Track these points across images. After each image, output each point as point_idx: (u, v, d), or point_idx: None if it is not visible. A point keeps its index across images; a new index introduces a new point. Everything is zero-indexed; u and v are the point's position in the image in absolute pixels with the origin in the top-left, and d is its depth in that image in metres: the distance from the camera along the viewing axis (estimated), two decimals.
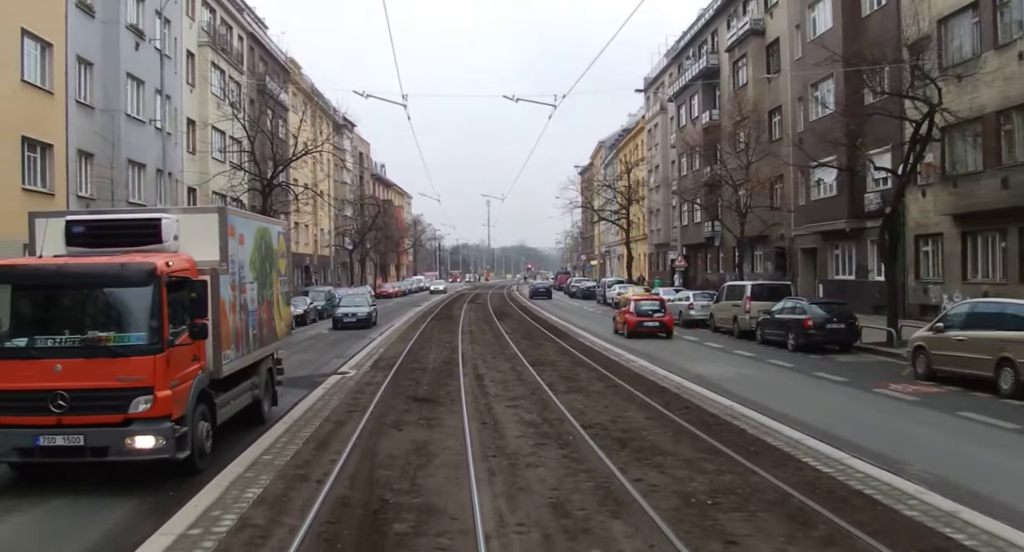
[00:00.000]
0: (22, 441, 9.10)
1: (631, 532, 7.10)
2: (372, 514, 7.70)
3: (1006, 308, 15.05)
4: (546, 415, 12.68)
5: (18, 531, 8.11)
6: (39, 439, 9.03)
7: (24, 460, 9.41)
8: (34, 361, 9.12)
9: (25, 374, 9.07)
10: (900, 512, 7.57)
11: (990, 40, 23.78)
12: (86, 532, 7.88)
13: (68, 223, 10.54)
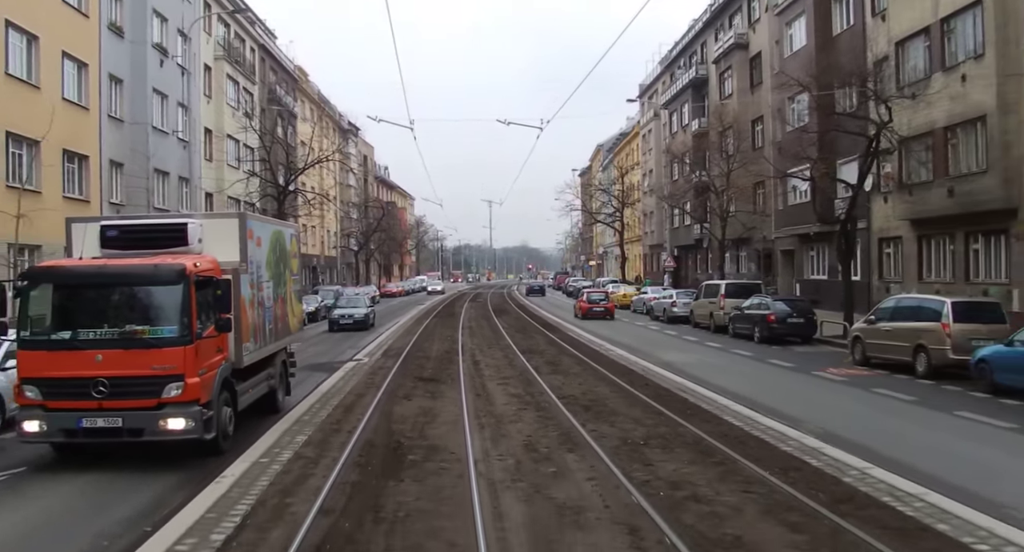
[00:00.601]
0: (67, 423, 10.21)
1: (579, 459, 9.93)
2: (392, 451, 10.53)
3: (923, 302, 17.88)
4: (530, 390, 15.52)
5: (69, 501, 9.19)
6: (82, 421, 10.19)
7: (69, 440, 10.50)
8: (77, 352, 10.24)
9: (69, 363, 10.21)
10: (778, 448, 10.41)
11: (939, 62, 26.49)
12: (137, 496, 9.21)
13: (103, 228, 11.75)
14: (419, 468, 9.62)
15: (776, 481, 8.68)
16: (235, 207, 42.62)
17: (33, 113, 25.94)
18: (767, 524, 7.37)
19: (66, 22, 28.40)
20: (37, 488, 9.77)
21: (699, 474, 9.08)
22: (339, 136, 71.45)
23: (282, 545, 6.96)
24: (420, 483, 8.94)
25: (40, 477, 10.26)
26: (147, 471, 10.27)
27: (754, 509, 7.82)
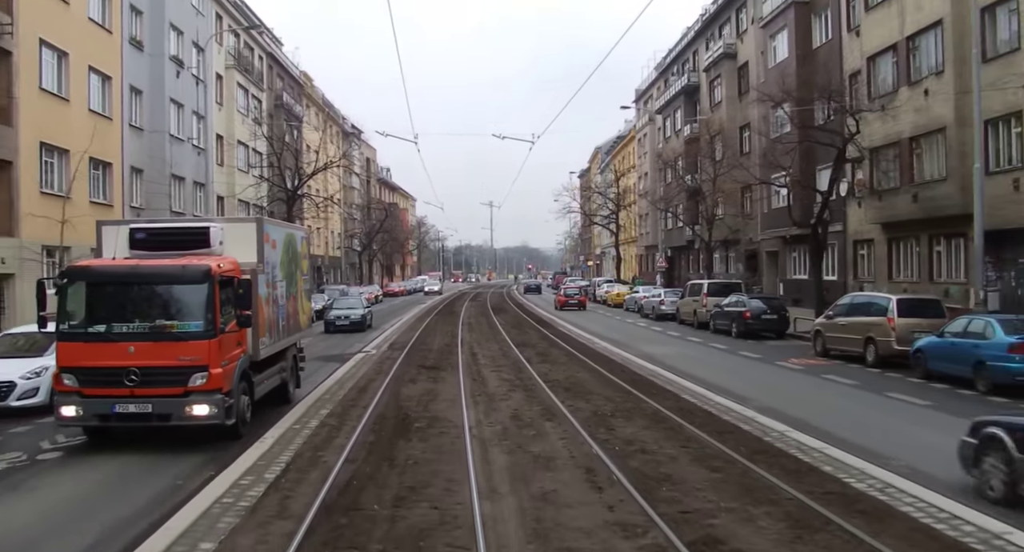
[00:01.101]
0: (101, 408, 11.12)
1: (555, 426, 12.16)
2: (400, 421, 12.75)
3: (872, 299, 20.11)
4: (520, 376, 17.76)
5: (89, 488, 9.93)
6: (115, 407, 11.15)
7: (103, 424, 11.38)
8: (111, 344, 11.20)
9: (104, 354, 11.16)
10: (720, 417, 12.64)
11: (905, 77, 28.68)
12: (174, 469, 10.46)
13: (132, 230, 12.78)
14: (424, 432, 11.84)
15: (710, 440, 10.90)
16: (246, 210, 44.91)
17: (63, 124, 28.27)
18: (694, 467, 9.60)
19: (92, 38, 30.61)
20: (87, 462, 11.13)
21: (649, 435, 11.31)
22: (343, 139, 73.75)
23: (320, 481, 9.17)
24: (425, 442, 11.17)
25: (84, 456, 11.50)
26: (174, 452, 11.35)
27: (687, 458, 10.04)
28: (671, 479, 9.04)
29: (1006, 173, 24.63)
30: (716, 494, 8.41)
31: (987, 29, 25.59)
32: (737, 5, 45.47)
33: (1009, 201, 24.11)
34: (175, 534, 7.37)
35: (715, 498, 8.27)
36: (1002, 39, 25.05)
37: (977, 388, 15.46)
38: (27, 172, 26.28)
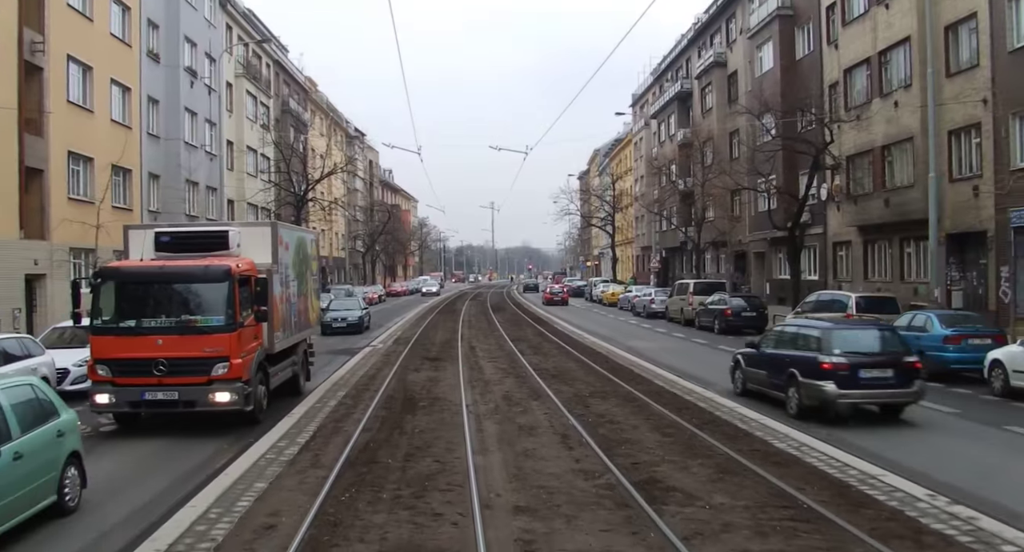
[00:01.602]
0: (132, 396, 12.11)
1: (540, 404, 14.28)
2: (407, 400, 14.87)
3: (835, 296, 22.23)
4: (513, 365, 19.88)
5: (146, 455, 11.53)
6: (145, 394, 12.20)
7: (134, 410, 12.35)
8: (141, 337, 12.30)
9: (135, 346, 12.27)
10: (684, 398, 14.77)
11: (877, 89, 30.76)
12: (211, 444, 11.87)
13: (157, 234, 13.98)
14: (427, 409, 13.97)
15: (669, 414, 13.02)
16: (255, 213, 47.09)
17: (88, 134, 30.38)
18: (650, 433, 11.71)
19: (114, 52, 32.71)
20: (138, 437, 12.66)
21: (619, 411, 13.43)
22: (347, 143, 75.94)
23: (343, 443, 11.27)
24: (428, 416, 13.30)
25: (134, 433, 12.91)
26: (204, 434, 12.50)
27: (647, 427, 12.16)
28: (629, 441, 11.14)
29: (967, 180, 26.70)
30: (663, 451, 10.52)
31: (950, 46, 27.74)
32: (727, 15, 47.54)
33: (970, 206, 26.18)
34: (234, 478, 9.48)
35: (661, 454, 10.38)
36: (963, 56, 27.13)
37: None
38: (56, 179, 28.36)
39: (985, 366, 15.60)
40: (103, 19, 31.83)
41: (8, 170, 25.19)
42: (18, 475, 7.52)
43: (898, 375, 13.05)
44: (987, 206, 25.34)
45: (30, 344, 15.54)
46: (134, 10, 34.31)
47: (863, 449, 10.78)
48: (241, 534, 7.50)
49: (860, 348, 13.26)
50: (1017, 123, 24.24)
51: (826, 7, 35.27)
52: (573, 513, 7.94)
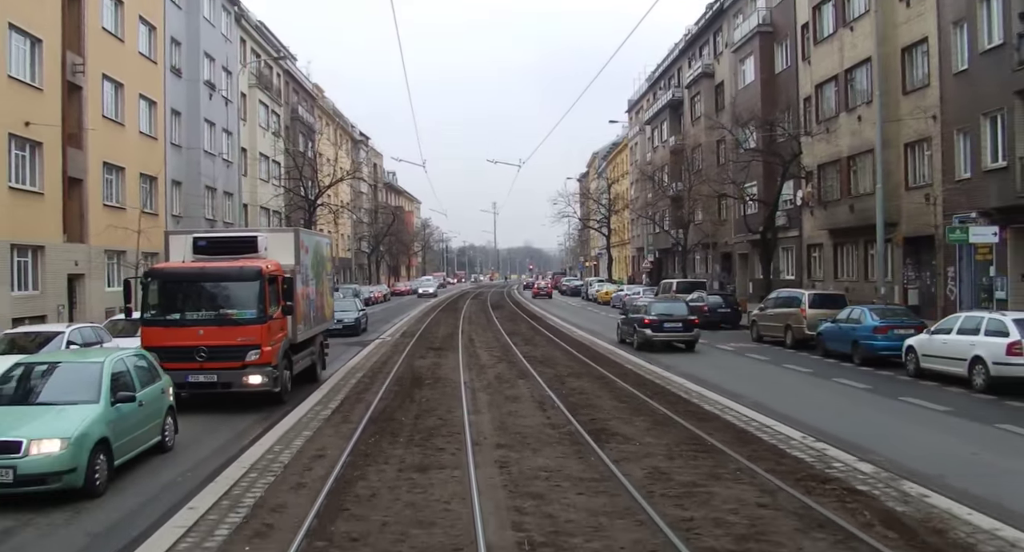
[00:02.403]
0: (178, 379, 13.17)
1: (526, 382, 17.40)
2: (415, 379, 17.98)
3: (792, 294, 25.26)
4: (507, 354, 22.99)
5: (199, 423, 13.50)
6: (188, 377, 13.86)
7: (178, 391, 12.99)
8: (185, 328, 14.31)
9: (179, 336, 14.27)
10: (645, 376, 17.85)
11: (844, 104, 33.81)
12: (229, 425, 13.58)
13: (195, 239, 16.12)
14: (432, 385, 17.07)
15: (629, 388, 16.11)
16: (267, 216, 50.24)
17: (120, 145, 33.51)
18: (609, 401, 14.80)
19: (142, 69, 35.85)
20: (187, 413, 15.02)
21: (589, 387, 16.54)
22: (352, 146, 79.06)
23: (365, 408, 14.34)
24: (433, 390, 16.41)
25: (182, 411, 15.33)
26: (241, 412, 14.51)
27: (608, 397, 15.25)
28: (592, 406, 14.24)
29: (920, 189, 29.78)
30: (616, 413, 13.61)
31: (906, 67, 30.85)
32: (715, 29, 50.60)
33: (923, 212, 29.23)
34: (285, 429, 12.57)
35: (615, 414, 13.47)
36: (917, 76, 30.21)
37: (853, 361, 20.57)
38: (93, 188, 31.49)
39: (903, 352, 18.62)
40: (132, 39, 34.97)
41: (54, 180, 28.29)
42: (141, 417, 10.62)
43: (684, 326, 24.71)
44: (937, 212, 28.38)
45: (101, 332, 18.60)
46: (159, 30, 37.48)
47: (689, 374, 13.85)
48: (300, 460, 10.59)
49: (665, 312, 24.98)
50: (961, 138, 27.29)
51: (801, 26, 38.33)
52: (539, 447, 11.04)
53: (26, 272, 27.04)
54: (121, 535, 7.96)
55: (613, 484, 9.12)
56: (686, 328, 24.53)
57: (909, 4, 30.16)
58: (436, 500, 8.60)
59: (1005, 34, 24.11)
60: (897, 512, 7.96)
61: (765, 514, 7.96)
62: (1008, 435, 12.14)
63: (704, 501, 8.40)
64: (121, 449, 9.89)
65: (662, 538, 7.25)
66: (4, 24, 25.41)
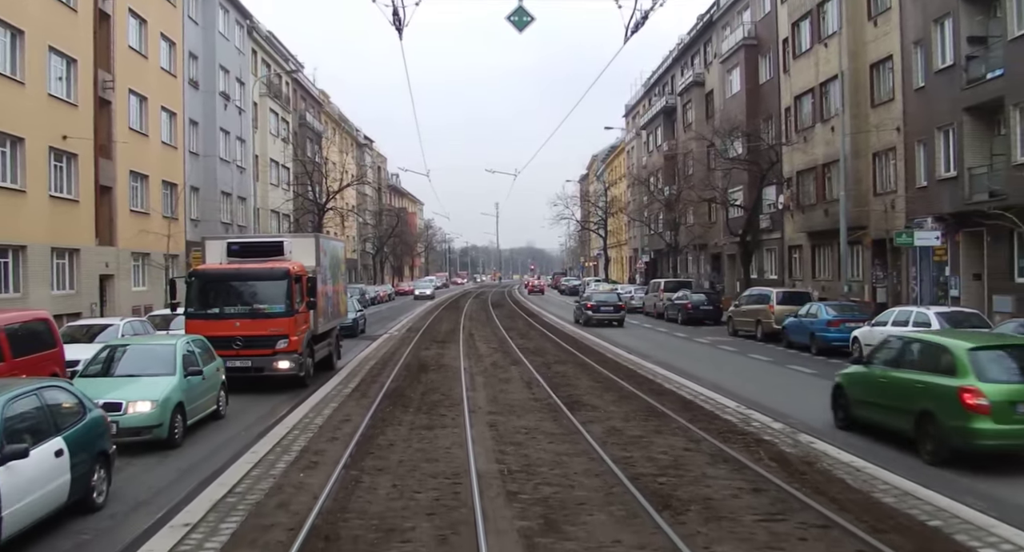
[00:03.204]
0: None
1: (518, 368, 20.20)
2: (421, 366, 20.77)
3: (763, 291, 28.01)
4: (503, 346, 25.78)
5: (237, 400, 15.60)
6: (227, 362, 15.50)
7: None
8: (223, 320, 16.72)
9: (219, 327, 16.52)
10: (620, 362, 20.65)
11: (819, 115, 36.51)
12: (265, 402, 16.81)
13: (228, 244, 19.07)
14: (436, 371, 19.85)
15: (605, 372, 18.88)
16: (277, 218, 53.04)
17: (144, 155, 36.32)
18: (586, 381, 17.57)
19: (163, 83, 38.65)
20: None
21: (571, 371, 19.33)
22: (356, 149, 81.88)
23: (379, 388, 17.09)
24: (437, 374, 19.22)
25: None
26: (270, 393, 17.42)
27: (586, 378, 18.03)
28: (571, 385, 17.01)
29: (887, 195, 32.48)
30: (591, 390, 16.38)
31: (874, 81, 33.56)
32: (705, 39, 53.33)
33: (889, 216, 31.93)
34: (315, 402, 15.32)
35: (589, 391, 16.24)
36: (883, 90, 32.91)
37: (811, 351, 23.31)
38: (121, 195, 34.29)
39: (850, 341, 21.36)
40: (155, 55, 37.77)
41: (87, 189, 31.09)
42: (204, 388, 13.42)
43: (614, 309, 35.52)
44: (900, 216, 31.08)
45: (148, 325, 21.35)
46: (178, 45, 40.28)
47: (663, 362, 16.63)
48: (331, 422, 13.37)
49: (602, 299, 35.62)
50: (920, 149, 29.98)
51: (782, 40, 41.01)
52: (522, 414, 13.82)
53: (64, 273, 29.82)
54: (203, 470, 10.72)
55: (577, 437, 11.88)
56: (615, 310, 36.11)
57: (876, 23, 32.88)
58: (440, 447, 11.37)
59: (955, 56, 26.76)
60: (785, 452, 10.71)
61: (686, 454, 10.71)
62: None
63: (644, 447, 11.16)
64: (192, 412, 12.69)
65: (606, 467, 10.00)
66: (45, 47, 28.20)
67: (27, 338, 14.05)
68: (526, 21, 13.08)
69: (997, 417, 9.86)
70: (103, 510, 8.99)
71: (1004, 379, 10.32)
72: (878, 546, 6.99)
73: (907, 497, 8.59)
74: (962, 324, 18.49)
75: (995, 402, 9.90)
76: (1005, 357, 10.83)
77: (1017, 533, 7.34)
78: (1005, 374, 10.45)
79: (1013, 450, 10.30)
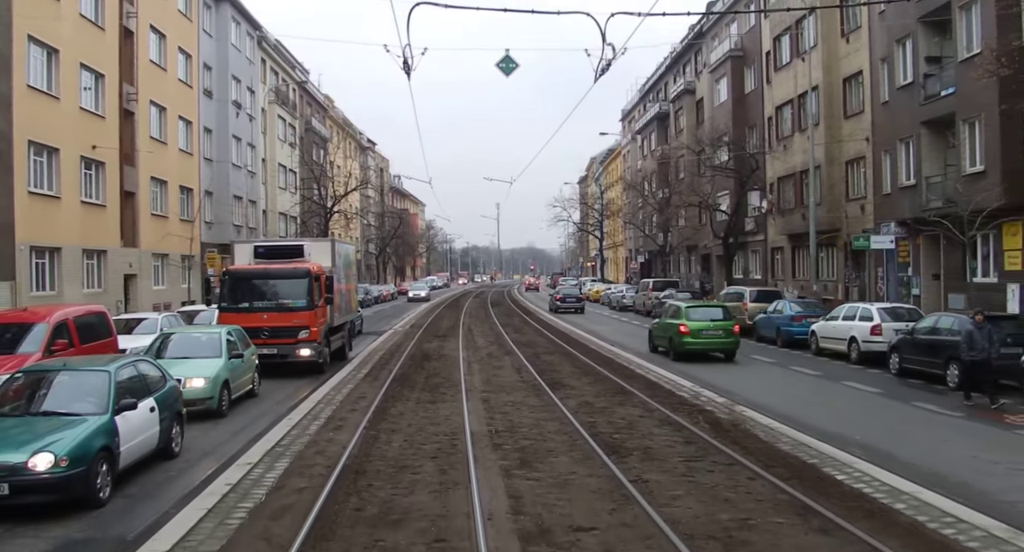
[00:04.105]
0: None
1: (510, 357, 22.90)
2: (424, 356, 23.47)
3: (739, 290, 30.66)
4: (498, 339, 28.46)
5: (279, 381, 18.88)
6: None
7: None
8: (253, 314, 19.42)
9: (249, 320, 19.10)
10: (602, 353, 23.34)
11: (797, 125, 39.13)
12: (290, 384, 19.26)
13: (255, 247, 22.34)
14: (438, 360, 22.53)
15: (585, 359, 21.56)
16: (284, 220, 55.75)
17: (163, 161, 38.99)
18: (568, 367, 20.26)
19: (181, 94, 41.35)
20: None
21: (557, 360, 22.03)
22: (360, 152, 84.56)
23: (388, 373, 19.76)
24: (438, 362, 21.92)
25: None
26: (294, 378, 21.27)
27: (569, 365, 20.72)
28: (555, 370, 19.69)
29: (858, 200, 35.10)
30: (570, 373, 19.06)
31: (847, 94, 36.21)
32: (695, 49, 55.98)
33: (860, 221, 34.55)
34: (332, 386, 17.99)
35: (570, 375, 18.92)
36: (855, 103, 35.54)
37: (777, 344, 25.95)
38: (143, 200, 36.97)
39: (809, 334, 24.01)
40: (173, 68, 40.46)
41: (113, 194, 33.76)
42: (243, 369, 16.14)
43: (576, 300, 47.89)
44: (870, 220, 33.72)
45: (180, 319, 24.01)
46: (194, 57, 42.97)
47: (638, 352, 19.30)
48: (350, 399, 16.05)
49: (567, 293, 48.89)
50: (886, 158, 32.60)
51: (765, 53, 43.63)
52: (510, 391, 16.50)
53: (93, 273, 32.50)
54: (250, 432, 13.38)
55: (554, 408, 14.55)
56: (577, 301, 48.09)
57: (848, 40, 35.54)
58: (441, 415, 14.04)
59: (915, 73, 29.39)
60: (719, 417, 13.39)
61: (640, 421, 13.37)
62: (846, 389, 17.52)
63: (607, 415, 13.82)
64: (235, 389, 15.39)
65: (573, 428, 12.66)
66: (76, 64, 30.89)
67: (89, 328, 16.70)
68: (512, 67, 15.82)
69: (694, 337, 22.22)
70: (179, 457, 11.66)
71: (696, 319, 22.56)
72: (739, 459, 9.65)
73: (781, 436, 11.26)
74: (902, 317, 21.08)
75: (692, 330, 22.21)
76: (699, 310, 23.63)
77: (692, 384, 10.13)
78: (697, 317, 22.80)
79: (698, 351, 21.86)
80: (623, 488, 9.16)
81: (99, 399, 9.77)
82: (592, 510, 8.39)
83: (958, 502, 8.46)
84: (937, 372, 17.40)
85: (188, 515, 8.38)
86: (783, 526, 7.82)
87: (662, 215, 52.94)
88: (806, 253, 40.32)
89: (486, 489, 9.21)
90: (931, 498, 8.59)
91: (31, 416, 9.60)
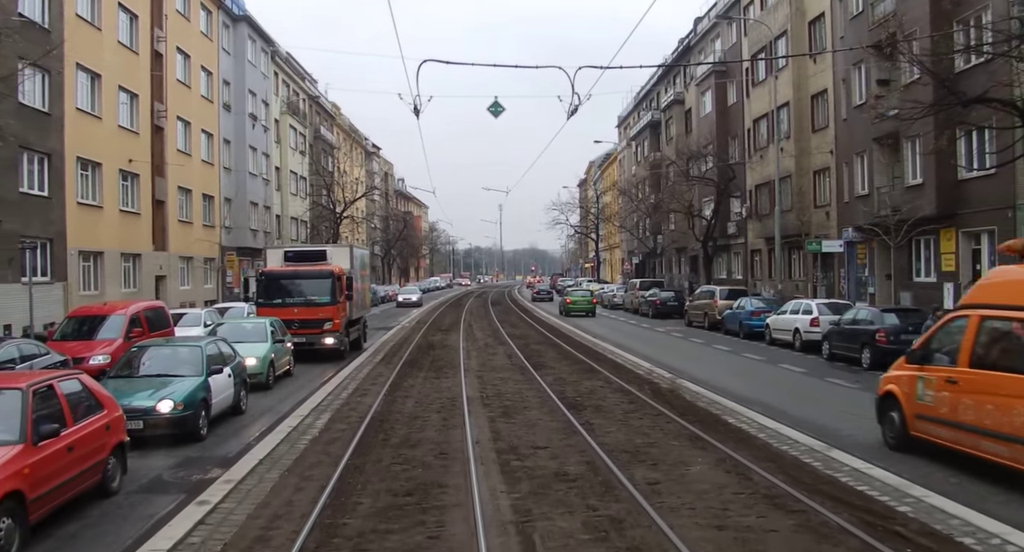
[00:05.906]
0: None
1: (504, 347, 26.83)
2: (429, 346, 27.41)
3: (710, 289, 34.49)
4: (495, 334, 32.37)
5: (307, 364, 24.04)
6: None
7: None
8: (285, 308, 23.44)
9: (282, 313, 22.64)
10: (586, 344, 27.25)
11: (772, 137, 42.92)
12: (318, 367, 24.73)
13: (285, 252, 26.91)
14: (441, 349, 26.44)
15: (570, 350, 25.45)
16: (295, 224, 59.68)
17: (188, 171, 42.92)
18: (554, 355, 24.17)
19: (203, 108, 45.31)
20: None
21: (544, 349, 25.92)
22: (365, 157, 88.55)
23: (399, 358, 23.68)
24: (442, 351, 25.85)
25: None
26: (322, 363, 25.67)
27: (554, 354, 24.64)
28: (542, 357, 23.58)
29: (824, 207, 38.95)
30: (555, 360, 22.94)
31: (815, 110, 40.05)
32: (686, 59, 59.84)
33: (826, 226, 38.40)
34: (352, 368, 21.89)
35: (552, 360, 22.81)
36: (821, 118, 39.39)
37: (740, 336, 29.79)
38: (171, 207, 40.93)
39: (764, 328, 27.87)
40: (196, 85, 44.43)
41: (145, 203, 37.73)
42: (283, 352, 20.19)
43: (547, 293, 70.58)
44: (834, 226, 37.56)
45: (216, 314, 27.94)
46: (215, 74, 46.96)
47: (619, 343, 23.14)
48: (369, 378, 19.95)
49: (541, 288, 76.63)
50: (846, 169, 36.43)
51: (745, 68, 47.48)
52: (500, 371, 20.42)
53: (129, 274, 36.46)
54: (295, 398, 17.26)
55: (534, 382, 18.45)
56: (547, 293, 69.11)
57: (815, 61, 39.38)
58: (443, 387, 17.95)
59: (867, 94, 33.20)
60: (661, 387, 17.28)
61: (600, 389, 17.25)
62: (779, 370, 21.36)
63: (575, 387, 17.70)
64: (277, 367, 19.29)
65: (545, 394, 16.55)
66: (116, 86, 34.88)
67: (154, 320, 20.65)
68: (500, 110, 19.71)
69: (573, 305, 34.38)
70: (245, 414, 15.57)
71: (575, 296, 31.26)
72: (664, 411, 13.52)
73: (703, 397, 15.14)
74: (839, 311, 24.90)
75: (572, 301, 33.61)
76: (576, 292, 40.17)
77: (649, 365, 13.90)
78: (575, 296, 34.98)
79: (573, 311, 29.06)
80: (573, 427, 13.03)
81: (196, 365, 13.69)
82: (548, 439, 12.27)
83: (802, 432, 12.33)
84: (855, 356, 21.26)
85: (268, 441, 12.28)
86: (675, 447, 11.69)
87: (653, 219, 56.74)
88: (780, 254, 44.20)
89: (476, 428, 13.09)
90: (786, 431, 12.46)
91: (148, 377, 13.51)
